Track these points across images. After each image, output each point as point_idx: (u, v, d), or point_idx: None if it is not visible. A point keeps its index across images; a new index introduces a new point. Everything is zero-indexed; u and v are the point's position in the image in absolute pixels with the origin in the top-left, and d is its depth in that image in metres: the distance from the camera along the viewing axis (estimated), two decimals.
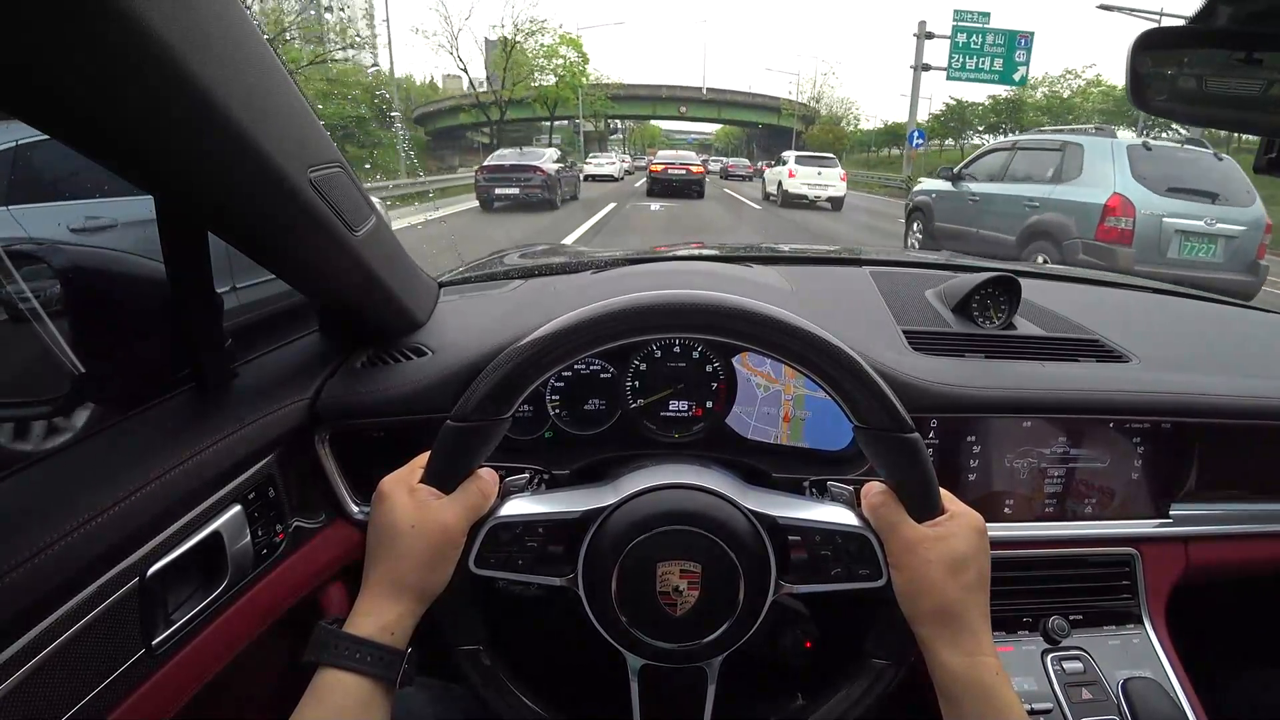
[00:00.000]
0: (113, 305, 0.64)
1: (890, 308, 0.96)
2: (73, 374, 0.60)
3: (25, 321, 0.60)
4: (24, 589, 0.43)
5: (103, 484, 0.50)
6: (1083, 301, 1.10)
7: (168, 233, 0.59)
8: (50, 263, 0.61)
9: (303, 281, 0.68)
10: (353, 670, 0.48)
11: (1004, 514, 0.82)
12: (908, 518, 0.53)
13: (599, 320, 0.52)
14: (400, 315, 0.81)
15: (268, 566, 0.65)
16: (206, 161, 0.46)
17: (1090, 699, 0.74)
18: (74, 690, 0.46)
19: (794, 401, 0.83)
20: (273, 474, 0.66)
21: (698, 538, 0.55)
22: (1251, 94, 0.56)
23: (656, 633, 0.56)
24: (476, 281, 1.10)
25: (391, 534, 0.52)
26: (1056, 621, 0.80)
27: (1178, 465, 0.84)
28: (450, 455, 0.54)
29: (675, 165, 18.13)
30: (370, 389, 0.74)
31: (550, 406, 0.84)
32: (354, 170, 0.62)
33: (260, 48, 0.46)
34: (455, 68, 40.43)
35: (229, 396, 0.67)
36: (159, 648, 0.52)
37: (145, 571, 0.51)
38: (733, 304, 0.52)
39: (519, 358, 0.52)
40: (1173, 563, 0.84)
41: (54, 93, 0.36)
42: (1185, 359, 0.92)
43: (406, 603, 0.52)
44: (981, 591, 0.52)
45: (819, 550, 0.56)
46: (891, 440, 0.52)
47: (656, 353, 0.83)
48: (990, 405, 0.78)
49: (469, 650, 0.57)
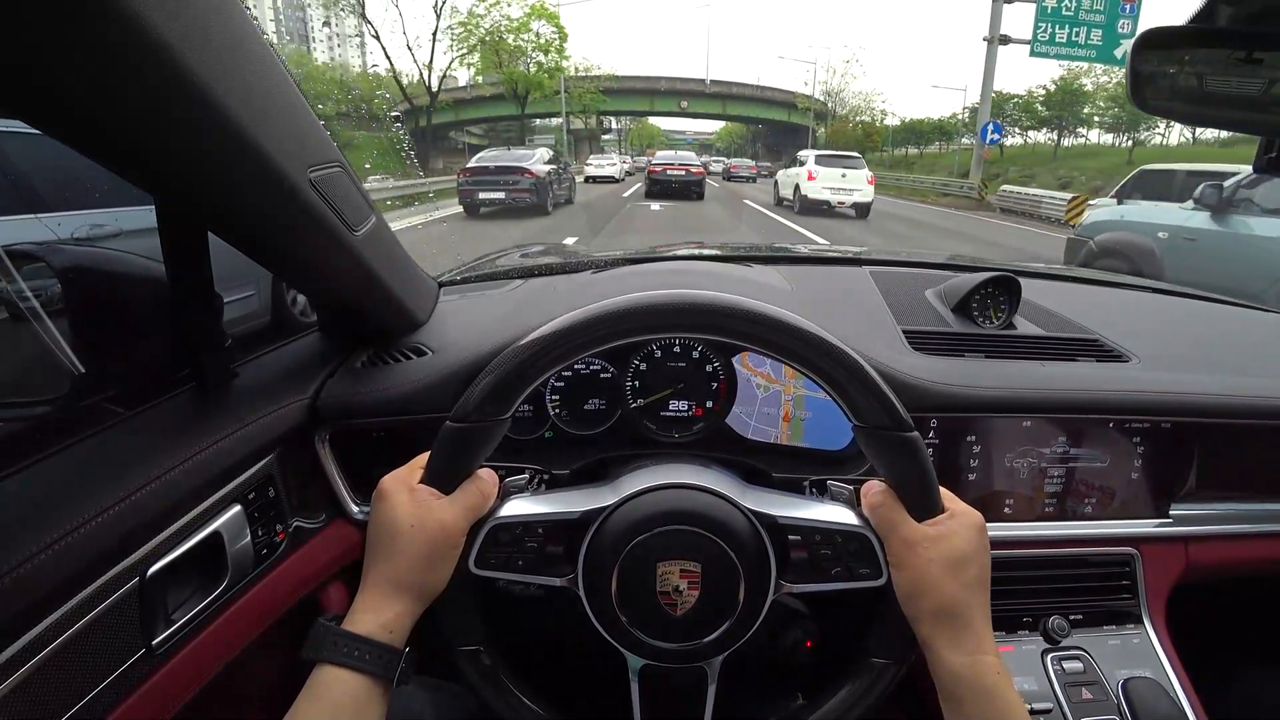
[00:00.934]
0: (113, 305, 0.64)
1: (890, 307, 0.96)
2: (73, 374, 0.60)
3: (25, 321, 0.60)
4: (24, 588, 0.42)
5: (103, 484, 0.50)
6: (1083, 301, 1.10)
7: (168, 233, 0.60)
8: (50, 263, 0.62)
9: (303, 281, 0.68)
10: (350, 667, 0.48)
11: (1004, 514, 0.82)
12: (908, 517, 0.53)
13: (599, 320, 0.52)
14: (400, 315, 0.81)
15: (268, 566, 0.65)
16: (206, 161, 0.46)
17: (1090, 699, 0.74)
18: (74, 690, 0.46)
19: (794, 402, 0.83)
20: (273, 474, 0.66)
21: (698, 537, 0.55)
22: (1251, 94, 0.56)
23: (657, 633, 0.56)
24: (476, 281, 1.10)
25: (391, 534, 0.52)
26: (1056, 621, 0.80)
27: (1177, 465, 0.84)
28: (450, 455, 0.54)
29: (674, 165, 17.36)
30: (370, 389, 0.74)
31: (550, 406, 0.83)
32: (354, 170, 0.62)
33: (260, 47, 0.46)
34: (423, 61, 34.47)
35: (229, 396, 0.67)
36: (159, 647, 0.52)
37: (145, 571, 0.51)
38: (732, 304, 0.52)
39: (519, 358, 0.52)
40: (1173, 562, 0.84)
41: (54, 92, 0.36)
42: (1185, 359, 0.92)
43: (405, 602, 0.52)
44: (982, 590, 0.52)
45: (819, 550, 0.56)
46: (891, 439, 0.52)
47: (657, 353, 0.83)
48: (990, 405, 0.78)
49: (469, 651, 0.57)
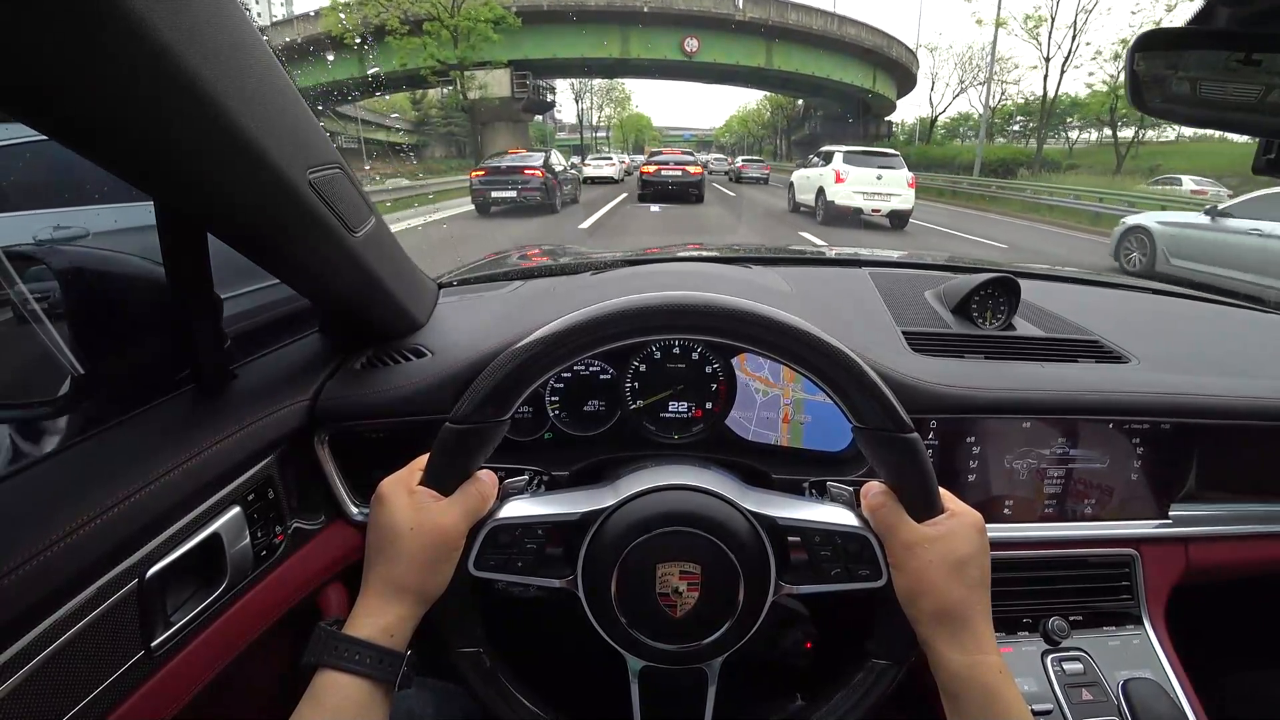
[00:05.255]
0: (112, 306, 0.64)
1: (890, 308, 0.96)
2: (73, 374, 0.60)
3: (25, 322, 0.60)
4: (24, 590, 0.42)
5: (102, 485, 0.50)
6: (1082, 302, 1.10)
7: (167, 233, 0.59)
8: (50, 264, 0.61)
9: (302, 283, 0.68)
10: (352, 672, 0.48)
11: (1004, 515, 0.82)
12: (908, 518, 0.53)
13: (598, 321, 0.52)
14: (400, 316, 0.81)
15: (267, 568, 0.65)
16: (207, 163, 0.46)
17: (1090, 700, 0.74)
18: (72, 693, 0.46)
19: (793, 405, 0.83)
20: (272, 475, 0.66)
21: (697, 539, 0.55)
22: (1251, 95, 0.56)
23: (656, 634, 0.56)
24: (476, 282, 1.10)
25: (391, 536, 0.52)
26: (1056, 622, 0.80)
27: (1177, 466, 0.84)
28: (449, 457, 0.54)
29: (670, 166, 15.62)
30: (370, 390, 0.74)
31: (550, 408, 0.83)
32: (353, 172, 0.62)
33: (260, 49, 0.46)
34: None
35: (229, 397, 0.67)
36: (158, 649, 0.52)
37: (145, 573, 0.51)
38: (731, 305, 0.52)
39: (518, 359, 0.52)
40: (1172, 563, 0.84)
41: (55, 95, 0.36)
42: (1184, 359, 0.92)
43: (406, 604, 0.52)
44: (983, 590, 0.52)
45: (819, 551, 0.56)
46: (891, 441, 0.52)
47: (656, 354, 0.83)
48: (990, 406, 0.78)
49: (469, 652, 0.57)
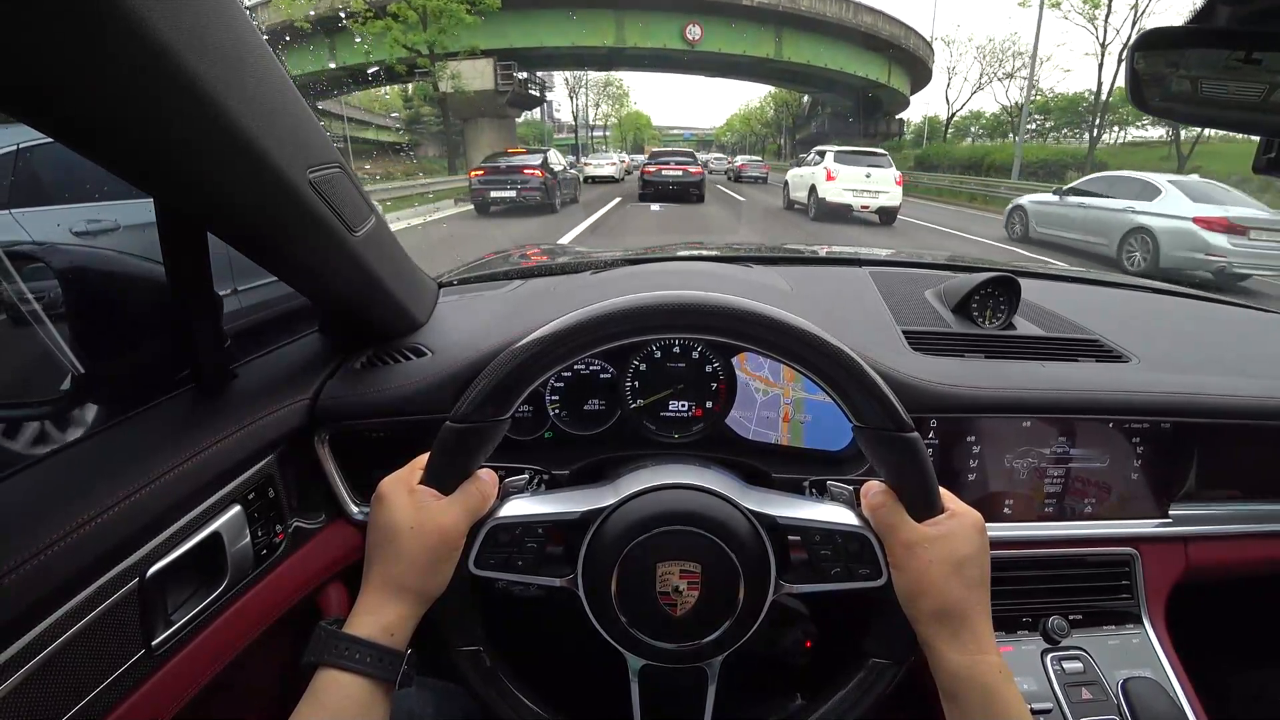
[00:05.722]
0: (113, 306, 0.64)
1: (890, 308, 0.96)
2: (73, 374, 0.60)
3: (25, 322, 0.60)
4: (24, 589, 0.43)
5: (103, 484, 0.50)
6: (1082, 301, 1.10)
7: (167, 233, 0.59)
8: (50, 264, 0.61)
9: (302, 282, 0.68)
10: (352, 671, 0.48)
11: (1004, 514, 0.82)
12: (908, 517, 0.53)
13: (598, 321, 0.52)
14: (400, 316, 0.81)
15: (267, 567, 0.65)
16: (207, 162, 0.46)
17: (1090, 699, 0.74)
18: (73, 691, 0.46)
19: (793, 405, 0.83)
20: (272, 474, 0.66)
21: (697, 538, 0.55)
22: (1251, 94, 0.56)
23: (656, 633, 0.56)
24: (476, 282, 1.10)
25: (391, 535, 0.52)
26: (1056, 621, 0.80)
27: (1177, 465, 0.84)
28: (449, 456, 0.54)
29: (670, 166, 16.02)
30: (370, 389, 0.74)
31: (550, 407, 0.83)
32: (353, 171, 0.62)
33: (260, 48, 0.46)
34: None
35: (229, 397, 0.67)
36: (159, 648, 0.52)
37: (145, 572, 0.51)
38: (731, 304, 0.52)
39: (518, 359, 0.52)
40: (1172, 563, 0.84)
41: (54, 94, 0.36)
42: (1185, 359, 0.92)
43: (406, 604, 0.52)
44: (983, 590, 0.52)
45: (819, 550, 0.56)
46: (891, 440, 0.52)
47: (656, 353, 0.83)
48: (990, 405, 0.78)
49: (469, 651, 0.57)
